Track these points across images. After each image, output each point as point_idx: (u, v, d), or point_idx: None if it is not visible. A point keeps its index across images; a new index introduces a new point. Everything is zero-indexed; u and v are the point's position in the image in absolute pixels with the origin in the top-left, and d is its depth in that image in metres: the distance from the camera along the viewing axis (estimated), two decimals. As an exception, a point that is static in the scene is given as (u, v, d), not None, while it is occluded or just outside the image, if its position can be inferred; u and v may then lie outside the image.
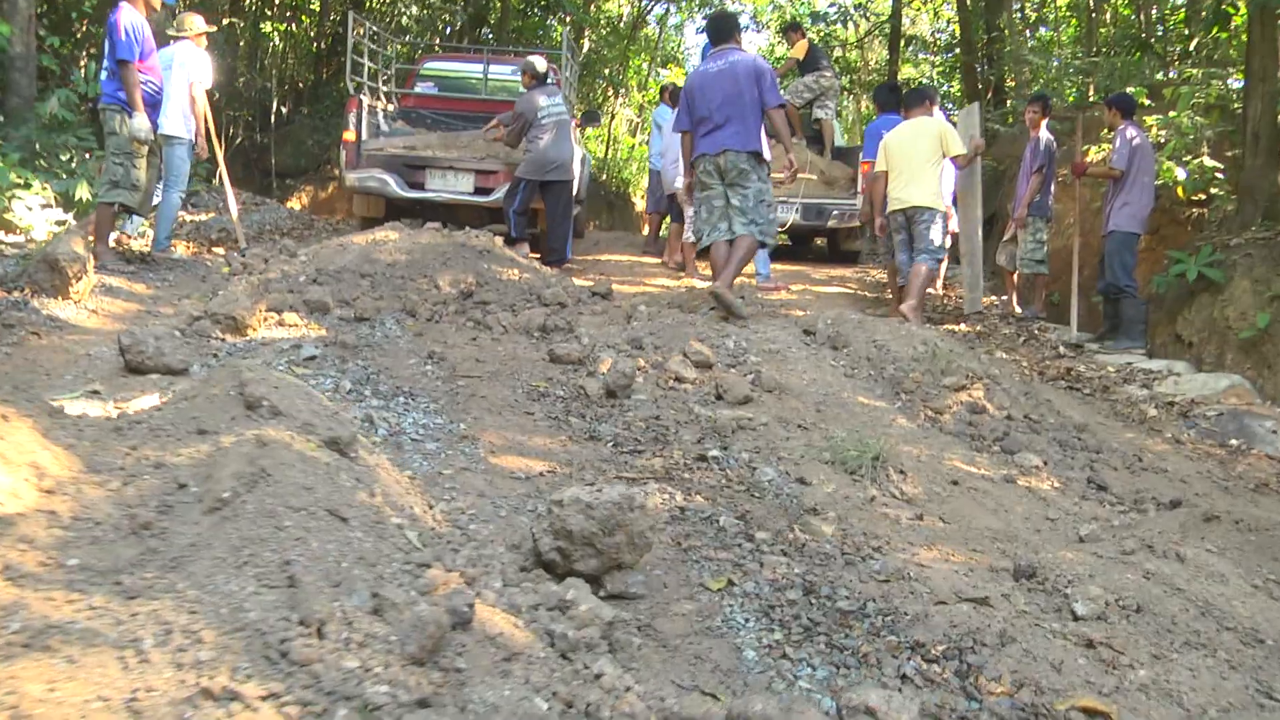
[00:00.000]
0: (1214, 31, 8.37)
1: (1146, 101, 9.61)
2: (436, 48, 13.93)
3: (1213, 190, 8.17)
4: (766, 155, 6.58)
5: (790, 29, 11.49)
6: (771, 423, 4.31)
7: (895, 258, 7.53)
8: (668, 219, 10.11)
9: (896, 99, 8.11)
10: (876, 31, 22.88)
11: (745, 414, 4.38)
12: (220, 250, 8.27)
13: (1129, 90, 9.82)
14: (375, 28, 9.46)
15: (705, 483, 3.46)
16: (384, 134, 8.72)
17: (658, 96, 11.20)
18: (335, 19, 18.65)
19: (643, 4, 29.27)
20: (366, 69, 8.96)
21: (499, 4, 20.41)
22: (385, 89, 9.60)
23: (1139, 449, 5.01)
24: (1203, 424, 5.54)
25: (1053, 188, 8.25)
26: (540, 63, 8.39)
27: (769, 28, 25.41)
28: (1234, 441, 5.29)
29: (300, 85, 19.04)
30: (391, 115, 9.47)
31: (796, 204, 10.27)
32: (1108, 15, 15.83)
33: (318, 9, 19.32)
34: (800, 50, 11.10)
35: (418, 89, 9.91)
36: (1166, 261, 7.42)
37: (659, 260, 10.00)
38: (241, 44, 16.82)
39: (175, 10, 8.55)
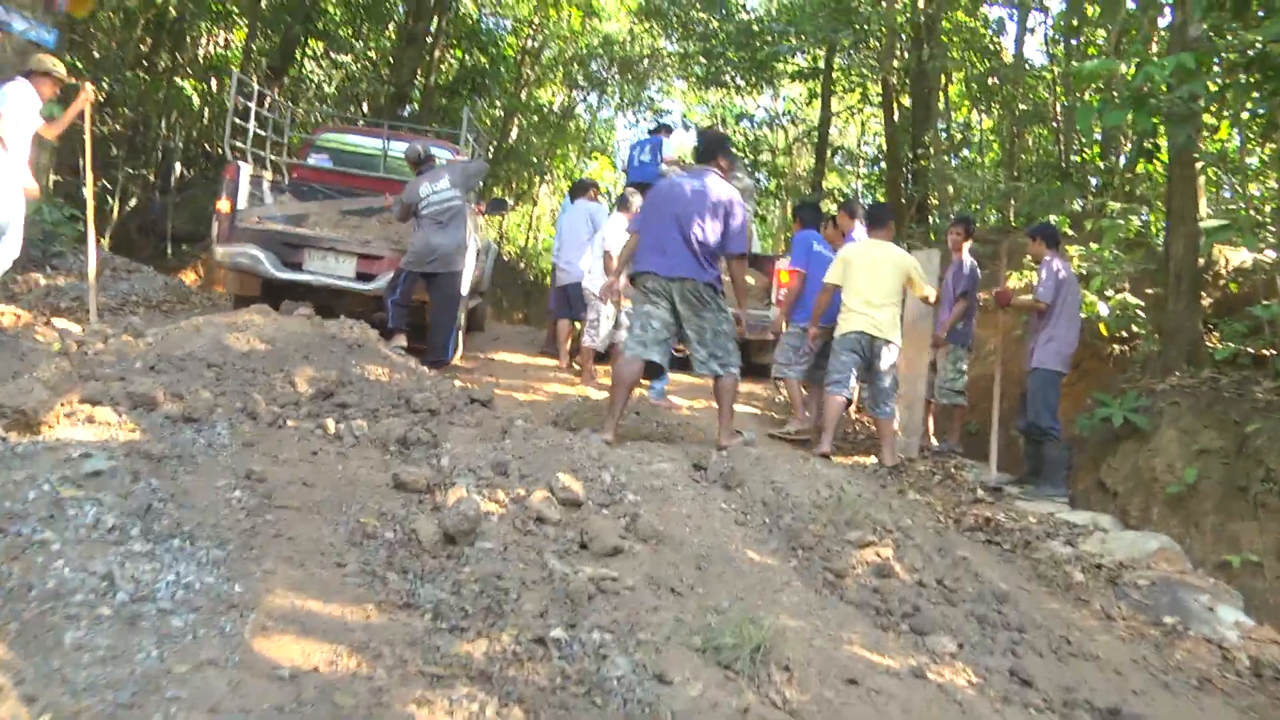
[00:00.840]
0: (1138, 167, 8.11)
1: (1068, 231, 9.34)
2: (332, 118, 13.27)
3: (1135, 328, 7.80)
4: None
5: (660, 128, 11.13)
6: (640, 585, 3.58)
7: (832, 376, 6.93)
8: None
9: (817, 217, 7.67)
10: (805, 139, 22.94)
11: (610, 571, 3.64)
12: (62, 323, 7.33)
13: (1051, 219, 9.58)
14: (264, 90, 8.72)
15: (534, 682, 2.69)
16: (261, 206, 7.94)
17: (566, 191, 10.65)
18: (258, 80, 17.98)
19: (574, 94, 29.24)
20: (252, 134, 8.20)
21: (423, 82, 19.97)
22: (273, 158, 8.85)
23: (1067, 625, 4.38)
24: (1133, 594, 4.95)
25: (975, 314, 7.81)
26: (421, 147, 7.75)
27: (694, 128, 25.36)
28: (1168, 619, 4.70)
29: (211, 147, 18.19)
30: (280, 187, 8.72)
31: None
32: (1029, 141, 15.89)
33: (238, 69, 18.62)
34: (676, 153, 10.70)
35: (311, 160, 9.19)
36: (1090, 402, 6.95)
37: (556, 362, 9.32)
38: (148, 100, 16.01)
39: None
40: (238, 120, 7.98)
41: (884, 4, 16.24)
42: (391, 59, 19.59)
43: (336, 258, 7.70)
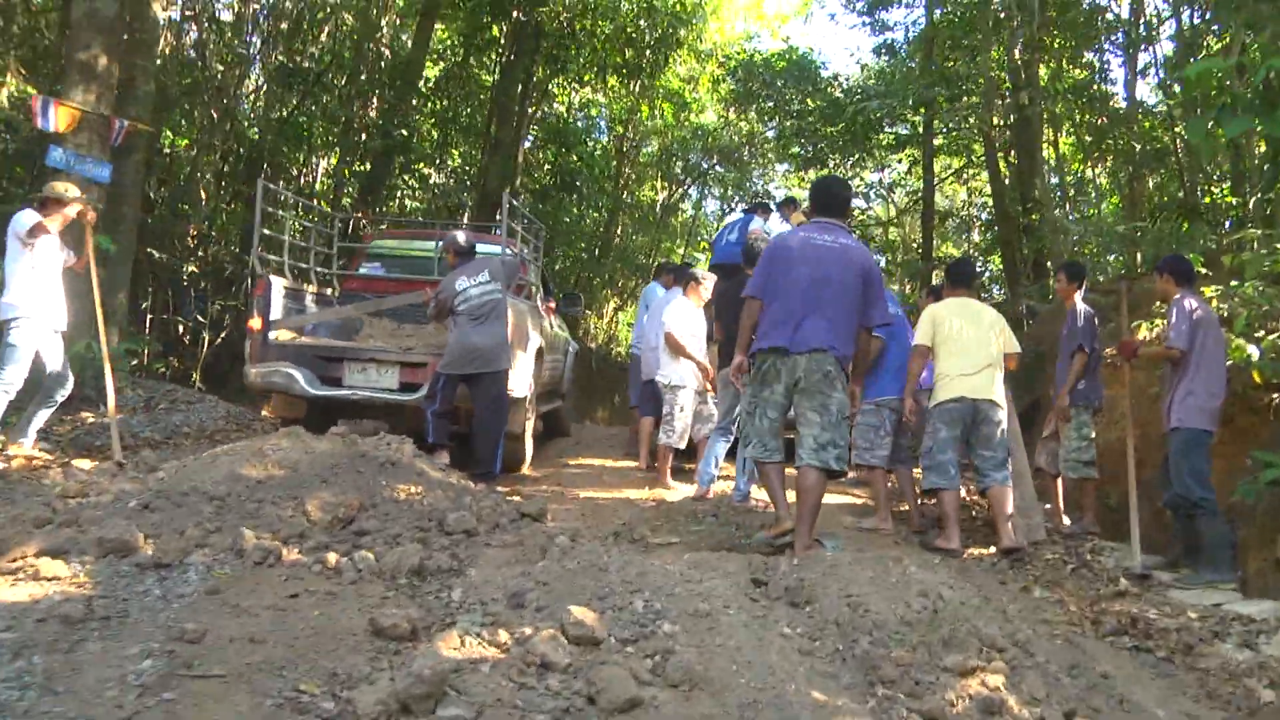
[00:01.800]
0: (1276, 189, 6.97)
1: (1203, 270, 8.14)
2: (384, 224, 13.04)
3: (1294, 373, 6.58)
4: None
5: (784, 204, 10.31)
6: (657, 753, 2.72)
7: (932, 462, 6.06)
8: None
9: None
10: (912, 208, 21.96)
11: (618, 740, 2.79)
12: (86, 463, 6.93)
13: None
14: (297, 197, 8.37)
15: None
16: (294, 319, 7.49)
17: (653, 274, 9.92)
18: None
19: (676, 189, 29.06)
20: (288, 246, 7.82)
21: (512, 186, 19.89)
22: (319, 269, 8.46)
23: (1253, 770, 3.29)
24: (1340, 714, 3.78)
25: (1099, 370, 6.72)
26: (461, 237, 7.19)
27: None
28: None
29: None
30: (328, 300, 8.32)
31: None
32: (1150, 185, 14.62)
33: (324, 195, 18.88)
34: (800, 219, 9.89)
35: (364, 270, 8.80)
36: (1251, 464, 5.76)
37: (637, 464, 8.52)
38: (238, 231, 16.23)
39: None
40: (268, 232, 7.59)
41: (978, 58, 15.39)
42: (480, 169, 19.59)
43: (378, 369, 7.17)
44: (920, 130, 17.33)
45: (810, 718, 3.09)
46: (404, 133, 17.87)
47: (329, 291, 8.48)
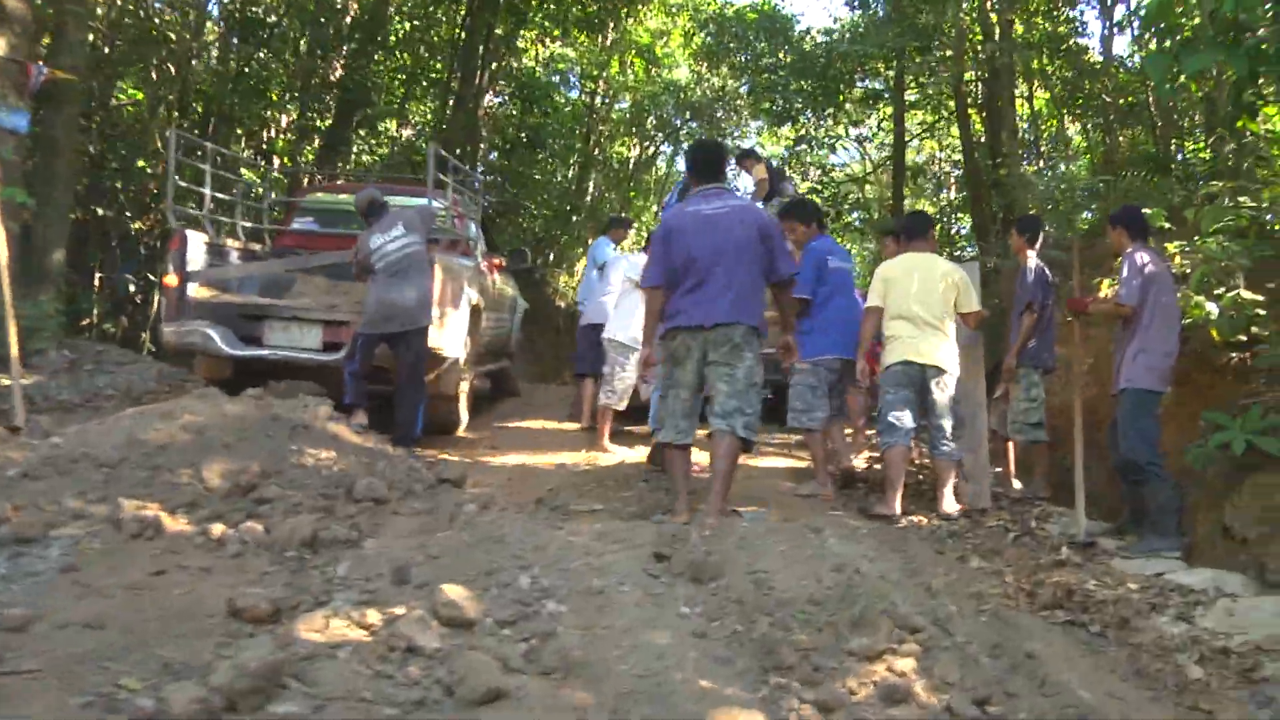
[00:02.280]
0: (1240, 124, 6.65)
1: (1165, 225, 7.84)
2: (316, 177, 12.63)
3: (1254, 330, 6.31)
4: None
5: (744, 156, 9.95)
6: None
7: (883, 422, 5.90)
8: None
9: (814, 215, 6.43)
10: (884, 164, 21.59)
11: (471, 733, 2.52)
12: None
13: (1145, 211, 8.11)
14: (217, 147, 7.93)
15: None
16: (215, 275, 7.12)
17: (603, 229, 9.48)
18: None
19: (649, 146, 28.57)
20: (209, 198, 7.40)
21: (478, 144, 19.42)
22: (245, 224, 8.06)
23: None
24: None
25: (1052, 330, 6.43)
26: (367, 195, 6.78)
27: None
28: (1336, 736, 3.29)
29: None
30: (256, 256, 7.94)
31: None
32: (1124, 141, 14.30)
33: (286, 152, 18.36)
34: (761, 172, 9.56)
35: (295, 225, 8.40)
36: (1204, 427, 5.50)
37: (579, 426, 8.22)
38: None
39: None
40: (182, 184, 7.17)
41: (949, 9, 14.97)
42: (442, 124, 19.08)
43: (300, 328, 6.82)
44: (892, 84, 16.93)
45: (692, 708, 2.82)
46: (367, 86, 17.39)
47: (258, 247, 8.09)
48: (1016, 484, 6.66)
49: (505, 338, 9.67)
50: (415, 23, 18.73)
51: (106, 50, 15.96)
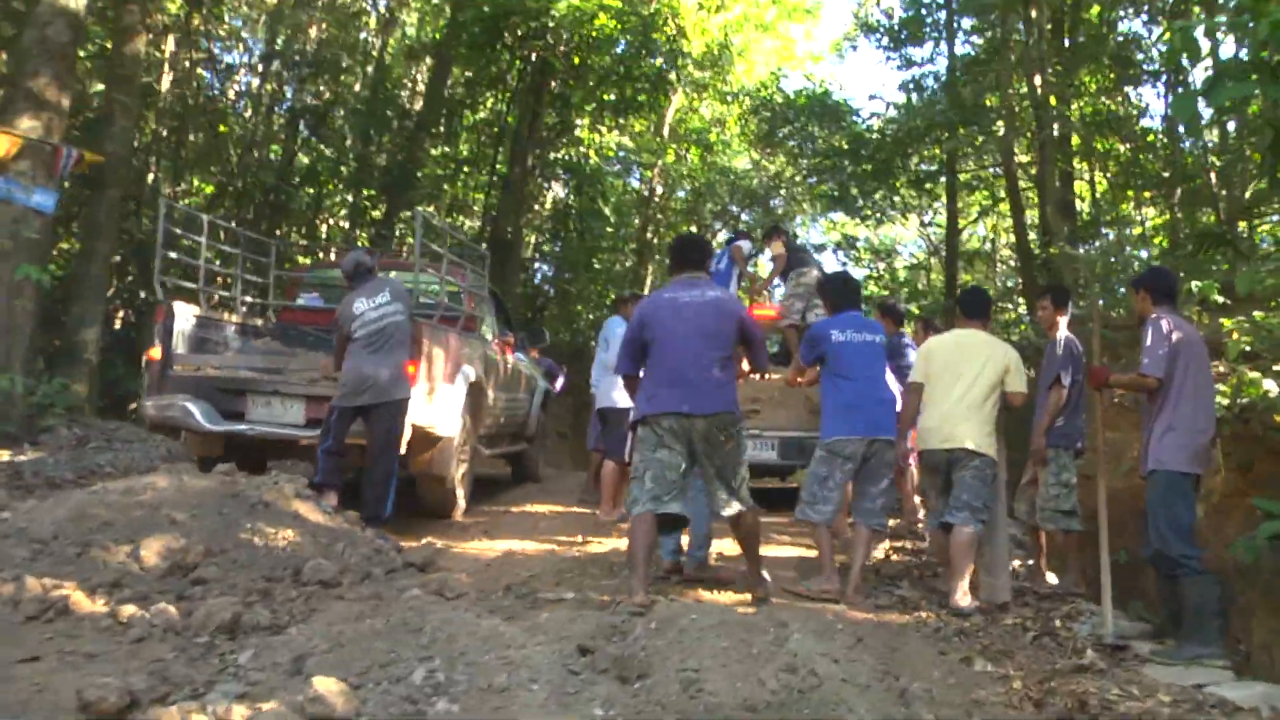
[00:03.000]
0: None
1: (1219, 299, 7.23)
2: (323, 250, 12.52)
3: (1322, 409, 5.67)
4: None
5: (769, 233, 9.59)
6: None
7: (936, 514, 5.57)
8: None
9: (854, 295, 5.98)
10: (939, 252, 21.09)
11: None
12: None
13: (1194, 284, 7.51)
14: (208, 216, 7.77)
15: None
16: (203, 351, 6.90)
17: (613, 307, 9.19)
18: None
19: (706, 233, 28.42)
20: (204, 271, 7.21)
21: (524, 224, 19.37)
22: (248, 299, 7.88)
23: None
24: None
25: (1082, 407, 5.86)
26: (356, 257, 6.54)
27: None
28: None
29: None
30: (256, 331, 7.75)
31: (773, 439, 8.04)
32: (1185, 215, 13.65)
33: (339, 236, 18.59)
34: (778, 248, 9.17)
35: (301, 300, 8.22)
36: (1261, 517, 4.85)
37: (594, 512, 7.74)
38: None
39: None
40: (173, 254, 7.00)
41: (1000, 90, 14.62)
42: (494, 209, 19.16)
43: (282, 402, 6.53)
44: (944, 164, 16.56)
45: (568, 837, 2.33)
46: (412, 171, 17.60)
47: (258, 322, 7.90)
48: (1051, 578, 6.01)
49: (521, 419, 9.30)
50: (466, 109, 18.95)
51: (165, 134, 16.47)
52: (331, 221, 20.46)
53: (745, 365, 5.38)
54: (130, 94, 11.63)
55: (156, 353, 6.58)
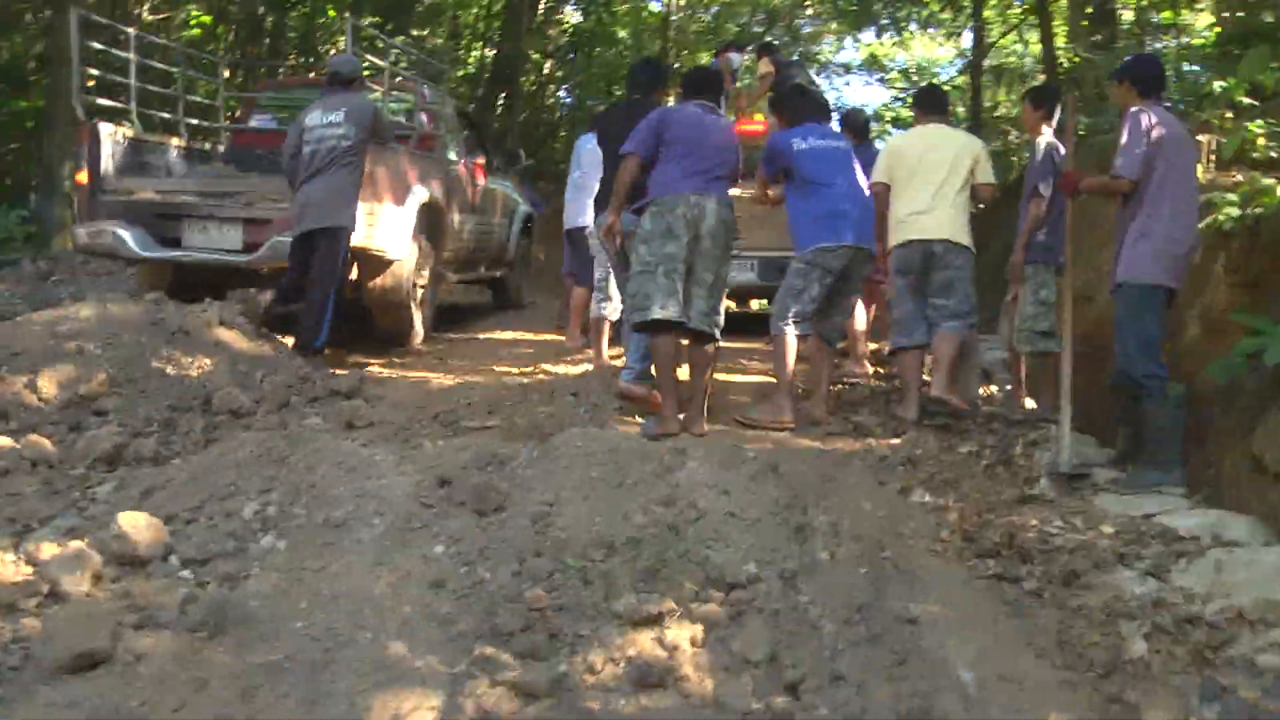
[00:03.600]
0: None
1: (1244, 100, 6.52)
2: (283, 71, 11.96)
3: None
4: None
5: (760, 51, 8.87)
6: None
7: (894, 318, 5.36)
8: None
9: (815, 107, 5.47)
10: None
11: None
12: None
13: (1217, 84, 6.78)
14: (144, 35, 7.22)
15: None
16: (142, 175, 6.51)
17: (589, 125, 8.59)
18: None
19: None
20: (134, 90, 6.72)
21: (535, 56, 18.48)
22: (190, 121, 7.42)
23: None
24: (1244, 686, 2.59)
25: (1063, 221, 5.35)
26: (334, 63, 6.03)
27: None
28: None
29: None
30: (203, 156, 7.35)
31: (752, 259, 7.60)
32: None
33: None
34: (765, 66, 8.50)
35: (253, 123, 7.75)
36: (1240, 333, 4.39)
37: (563, 338, 7.42)
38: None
39: None
40: (96, 73, 6.49)
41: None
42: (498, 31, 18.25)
43: (219, 227, 6.18)
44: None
45: (353, 684, 2.08)
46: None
47: (204, 146, 7.47)
48: (1029, 403, 5.63)
49: (498, 244, 8.90)
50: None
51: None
52: (333, 50, 19.63)
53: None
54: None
55: (84, 176, 6.23)
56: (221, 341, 5.16)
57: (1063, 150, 5.19)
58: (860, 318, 5.94)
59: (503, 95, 17.63)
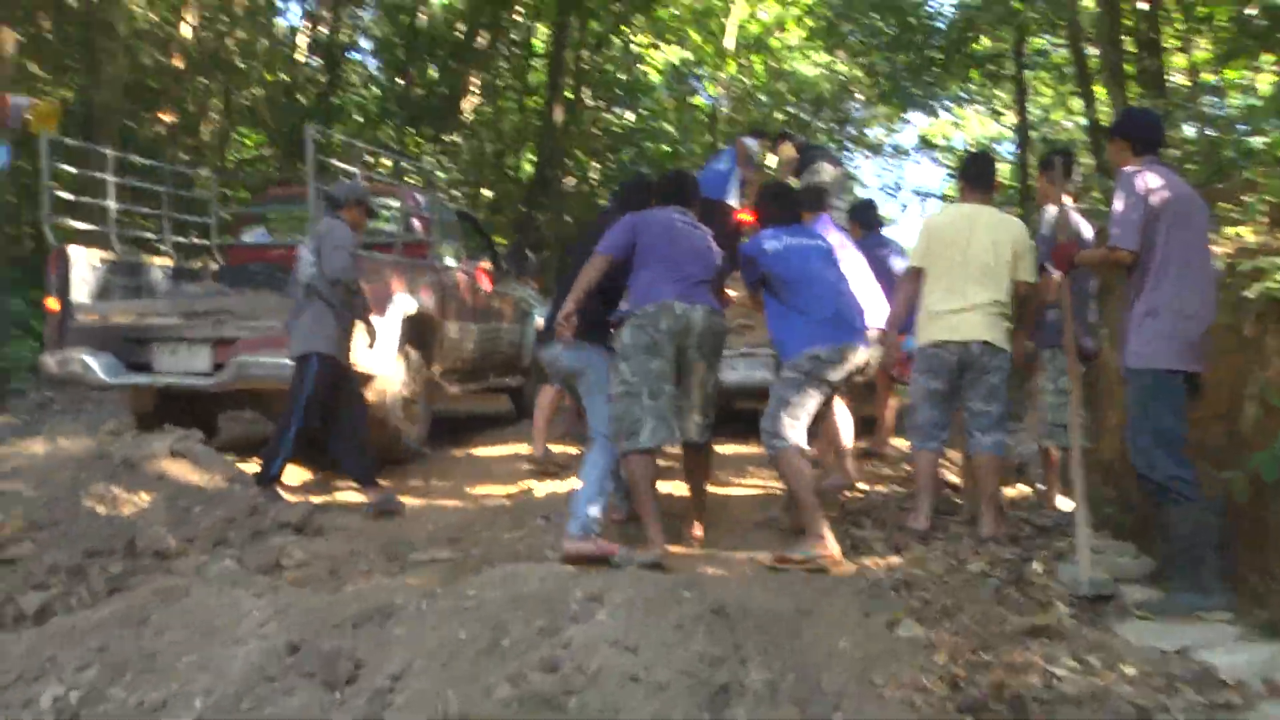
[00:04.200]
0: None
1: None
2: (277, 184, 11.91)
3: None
4: None
5: (780, 137, 8.52)
6: None
7: (913, 421, 4.74)
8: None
9: (789, 205, 4.94)
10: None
11: None
12: None
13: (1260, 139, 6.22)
14: (123, 155, 7.06)
15: None
16: (120, 298, 6.34)
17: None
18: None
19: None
20: (113, 212, 6.56)
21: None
22: (178, 239, 7.26)
23: None
24: None
25: (1089, 300, 4.80)
26: (346, 188, 5.72)
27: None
28: None
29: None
30: (191, 274, 7.19)
31: (769, 356, 7.05)
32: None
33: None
34: (788, 151, 8.15)
35: (246, 238, 7.58)
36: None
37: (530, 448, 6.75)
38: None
39: None
40: (65, 195, 6.35)
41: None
42: (537, 137, 18.34)
43: (189, 348, 5.93)
44: (1014, 42, 15.03)
45: None
46: (454, 100, 16.92)
47: (200, 265, 7.32)
48: (1064, 503, 4.99)
49: (509, 353, 8.55)
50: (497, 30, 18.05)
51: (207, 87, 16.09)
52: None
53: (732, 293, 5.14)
54: (115, 39, 11.18)
55: (54, 303, 6.06)
56: (167, 474, 4.83)
57: (1078, 221, 4.68)
58: (843, 415, 5.27)
59: (542, 198, 17.58)
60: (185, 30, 15.65)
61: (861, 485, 5.51)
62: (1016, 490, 5.39)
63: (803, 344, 4.41)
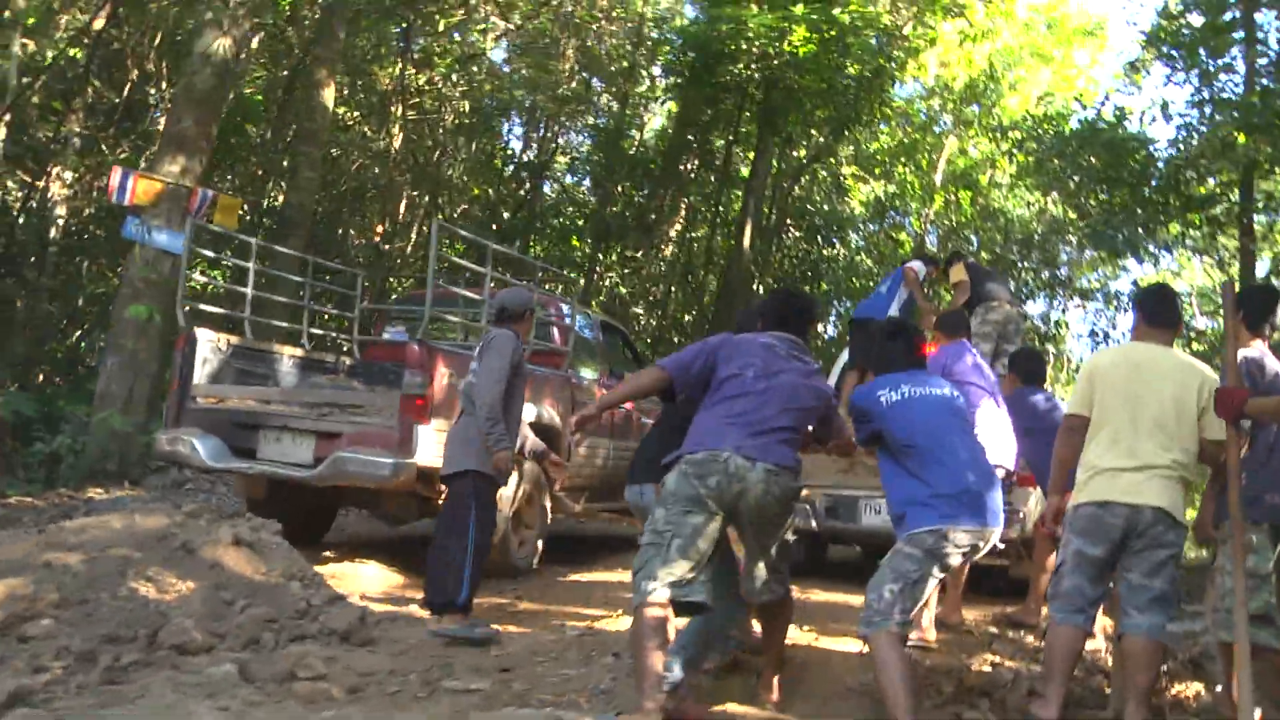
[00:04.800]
0: None
1: None
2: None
3: None
4: None
5: (952, 259, 7.82)
6: None
7: (1058, 589, 3.75)
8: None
9: (906, 348, 4.20)
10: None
11: None
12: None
13: None
14: (257, 241, 7.12)
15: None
16: (241, 383, 6.31)
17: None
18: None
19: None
20: (251, 298, 6.64)
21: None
22: (314, 331, 7.27)
23: None
24: None
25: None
26: (510, 295, 5.32)
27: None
28: None
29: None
30: (326, 367, 7.16)
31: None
32: None
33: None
34: (959, 274, 7.45)
35: (386, 335, 7.53)
36: None
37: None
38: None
39: None
40: (200, 282, 6.46)
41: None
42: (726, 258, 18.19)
43: (293, 438, 5.76)
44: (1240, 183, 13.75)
45: None
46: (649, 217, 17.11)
47: (333, 359, 7.28)
48: (1256, 714, 3.97)
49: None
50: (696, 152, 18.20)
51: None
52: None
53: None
54: (314, 145, 11.78)
55: (174, 383, 6.09)
56: (221, 563, 4.56)
57: (1273, 367, 3.82)
58: None
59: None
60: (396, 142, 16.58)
61: (992, 657, 4.61)
62: (1187, 688, 4.35)
63: (925, 520, 3.65)
